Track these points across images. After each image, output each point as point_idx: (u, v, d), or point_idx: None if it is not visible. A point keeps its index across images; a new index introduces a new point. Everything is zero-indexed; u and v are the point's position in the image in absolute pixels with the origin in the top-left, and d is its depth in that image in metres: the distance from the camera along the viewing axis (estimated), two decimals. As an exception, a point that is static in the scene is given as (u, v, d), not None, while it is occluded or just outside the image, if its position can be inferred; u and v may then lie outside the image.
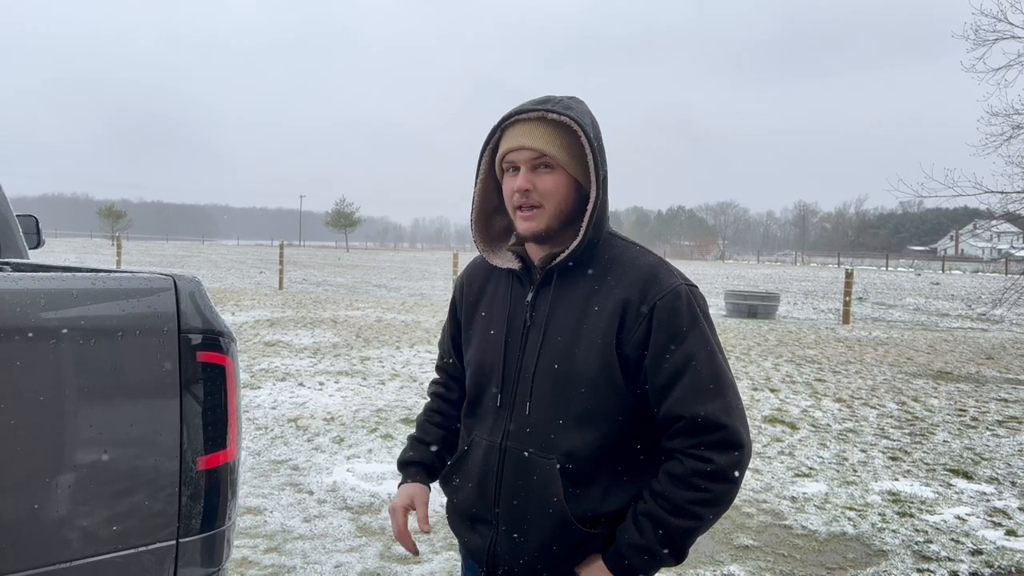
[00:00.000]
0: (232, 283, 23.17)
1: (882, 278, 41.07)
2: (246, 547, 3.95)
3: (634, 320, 1.52)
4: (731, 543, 4.23)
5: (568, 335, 1.56)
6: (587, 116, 1.58)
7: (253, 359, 9.27)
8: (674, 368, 1.50)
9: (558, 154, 1.54)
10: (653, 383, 1.52)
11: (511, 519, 1.60)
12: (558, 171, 1.56)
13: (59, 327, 1.60)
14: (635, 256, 1.60)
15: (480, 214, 1.71)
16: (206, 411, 1.78)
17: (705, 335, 1.52)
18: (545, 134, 1.54)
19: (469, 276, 1.81)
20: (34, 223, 4.09)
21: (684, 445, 1.50)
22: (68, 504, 1.61)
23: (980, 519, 4.73)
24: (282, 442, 5.88)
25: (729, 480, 1.48)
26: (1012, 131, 13.32)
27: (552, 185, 1.56)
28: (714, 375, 1.50)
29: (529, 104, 1.58)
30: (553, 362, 1.57)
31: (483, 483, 1.65)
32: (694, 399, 1.49)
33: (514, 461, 1.60)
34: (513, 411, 1.61)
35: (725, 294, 19.25)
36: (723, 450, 1.48)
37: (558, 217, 1.57)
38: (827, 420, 7.21)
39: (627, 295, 1.53)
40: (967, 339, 14.27)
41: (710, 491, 1.48)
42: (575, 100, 1.60)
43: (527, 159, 1.55)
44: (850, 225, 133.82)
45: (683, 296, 1.53)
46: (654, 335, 1.51)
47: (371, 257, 58.74)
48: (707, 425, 1.48)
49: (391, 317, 14.31)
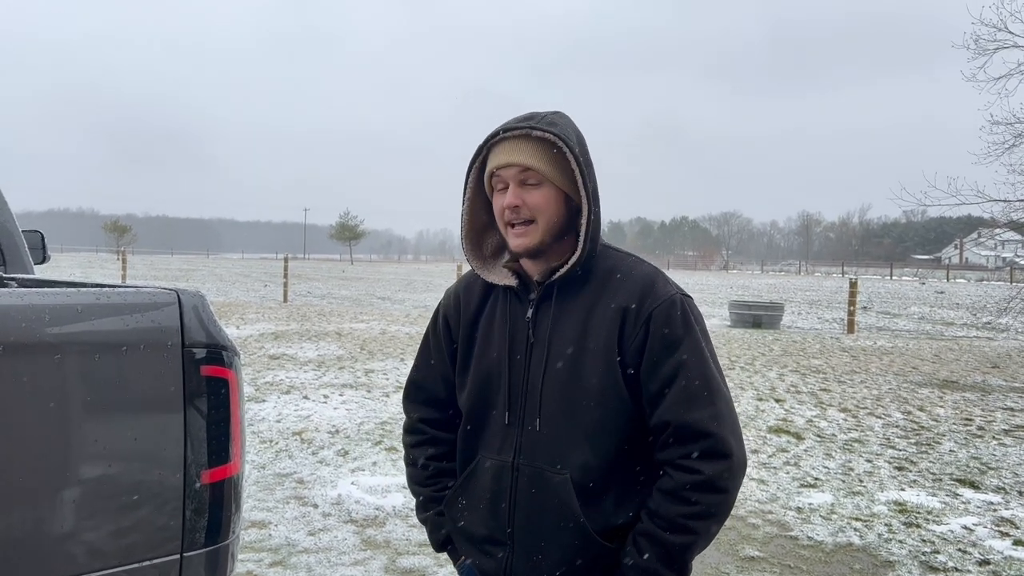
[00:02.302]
0: (237, 296, 23.21)
1: (886, 287, 40.99)
2: (251, 561, 3.94)
3: (633, 328, 1.53)
4: (737, 554, 4.22)
5: (573, 349, 1.56)
6: (571, 130, 1.58)
7: (258, 372, 9.28)
8: (666, 375, 1.51)
9: (545, 168, 1.55)
10: (647, 390, 1.54)
11: (527, 538, 1.59)
12: (546, 185, 1.56)
13: (64, 342, 1.62)
14: (632, 266, 1.61)
15: (470, 232, 1.70)
16: (210, 425, 1.79)
17: (698, 344, 1.53)
18: (530, 149, 1.55)
19: (465, 293, 1.76)
20: (39, 238, 4.10)
21: (672, 456, 1.51)
22: (73, 518, 1.62)
23: (987, 529, 4.70)
24: (287, 455, 5.88)
25: (719, 490, 1.48)
26: (1014, 140, 13.32)
27: (542, 199, 1.56)
28: (705, 384, 1.51)
29: (513, 122, 1.58)
30: (560, 377, 1.56)
31: (495, 503, 1.63)
32: (683, 406, 1.50)
33: (528, 479, 1.59)
34: (523, 429, 1.60)
35: (729, 304, 19.23)
36: (710, 459, 1.48)
37: (550, 231, 1.58)
38: (832, 430, 7.19)
39: (626, 303, 1.55)
40: (972, 348, 14.22)
41: (701, 503, 1.47)
42: (559, 115, 1.61)
43: (514, 175, 1.56)
44: (854, 234, 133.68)
45: (678, 305, 1.54)
46: (650, 342, 1.52)
47: (375, 269, 58.81)
48: (695, 433, 1.49)
49: (395, 329, 14.32)
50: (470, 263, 1.71)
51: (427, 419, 1.83)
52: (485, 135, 1.63)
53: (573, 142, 1.56)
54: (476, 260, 1.71)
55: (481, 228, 1.72)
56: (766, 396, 8.77)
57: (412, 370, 1.87)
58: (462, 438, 1.73)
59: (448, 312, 1.78)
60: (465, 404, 1.72)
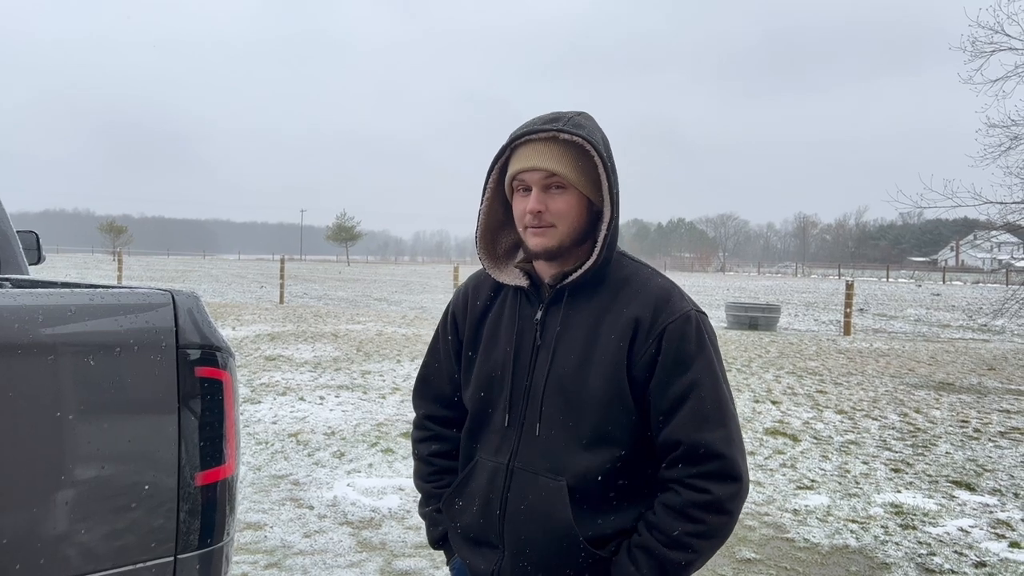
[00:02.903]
0: (233, 297, 23.18)
1: (883, 289, 41.05)
2: (246, 563, 3.93)
3: (644, 340, 1.50)
4: (733, 556, 4.21)
5: (579, 355, 1.53)
6: (598, 133, 1.54)
7: (254, 373, 9.26)
8: (678, 393, 1.48)
9: (571, 175, 1.51)
10: (656, 407, 1.50)
11: (517, 542, 1.57)
12: (570, 191, 1.52)
13: (57, 343, 1.61)
14: (648, 277, 1.58)
15: (486, 231, 1.67)
16: (204, 426, 1.78)
17: (712, 363, 1.50)
18: (557, 154, 1.50)
19: (473, 291, 1.75)
20: (34, 239, 4.09)
21: (682, 474, 1.48)
22: (66, 520, 1.61)
23: (983, 531, 4.70)
24: (282, 457, 5.87)
25: (725, 512, 1.46)
26: (1011, 142, 13.38)
27: (565, 206, 1.52)
28: (717, 404, 1.48)
29: (539, 123, 1.53)
30: (563, 382, 1.54)
31: (488, 505, 1.61)
32: (695, 426, 1.46)
33: (521, 482, 1.57)
34: (522, 432, 1.58)
35: (726, 306, 19.25)
36: (721, 480, 1.45)
37: (570, 236, 1.54)
38: (829, 432, 7.19)
39: (639, 314, 1.51)
40: (968, 350, 14.25)
41: (706, 523, 1.45)
42: (585, 117, 1.56)
43: (539, 180, 1.51)
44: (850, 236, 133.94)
45: (693, 321, 1.51)
46: (661, 357, 1.49)
47: (372, 271, 58.77)
48: (707, 454, 1.46)
49: (392, 331, 14.30)
50: (482, 262, 1.68)
51: (433, 416, 1.83)
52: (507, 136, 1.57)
53: (601, 146, 1.51)
54: (488, 259, 1.68)
55: (496, 226, 1.69)
56: (762, 398, 8.77)
57: (421, 366, 1.86)
58: (464, 437, 1.73)
59: (456, 310, 1.77)
60: (468, 403, 1.71)
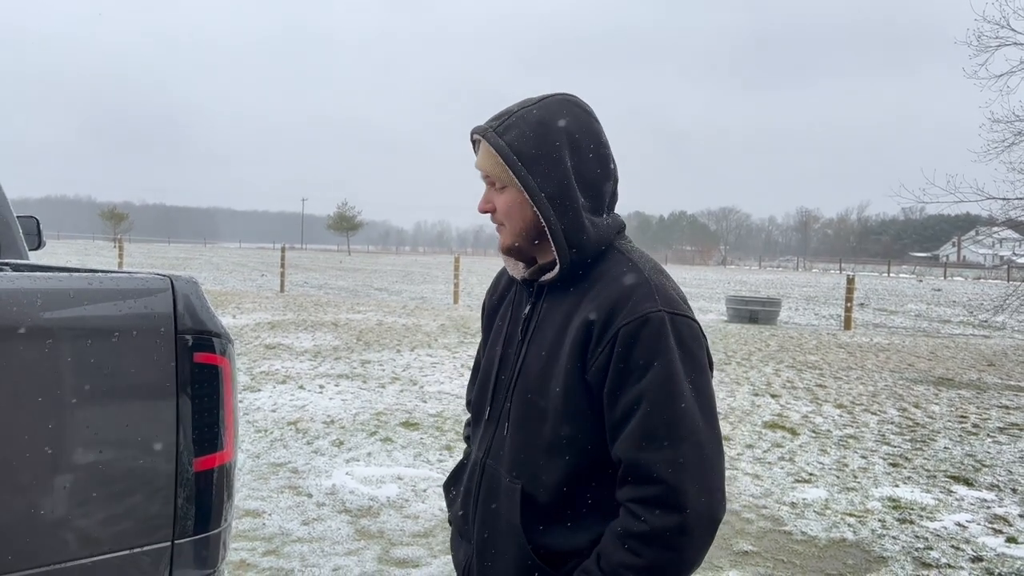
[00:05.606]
0: (234, 285, 23.19)
1: (884, 284, 41.04)
2: (244, 550, 3.94)
3: (596, 345, 1.36)
4: (731, 549, 4.22)
5: (545, 356, 1.46)
6: (536, 131, 1.42)
7: (253, 362, 9.27)
8: (625, 405, 1.33)
9: (503, 174, 1.45)
10: (608, 418, 1.37)
11: (481, 541, 1.53)
12: (510, 189, 1.46)
13: (56, 327, 1.60)
14: (619, 273, 1.42)
15: None
16: (202, 412, 1.78)
17: (671, 374, 1.31)
18: (490, 152, 1.46)
19: (495, 284, 1.74)
20: (35, 224, 4.08)
21: (623, 496, 1.35)
22: (64, 505, 1.61)
23: (981, 526, 4.71)
24: (281, 445, 5.88)
25: (668, 547, 1.28)
26: (1014, 137, 13.32)
27: (503, 204, 1.48)
28: (669, 422, 1.30)
29: (487, 120, 1.50)
30: (527, 383, 1.47)
31: (466, 499, 1.60)
32: (637, 444, 1.31)
33: (490, 480, 1.53)
34: (496, 429, 1.55)
35: (726, 299, 19.25)
36: (656, 510, 1.28)
37: (519, 235, 1.48)
38: (828, 426, 7.20)
39: (595, 316, 1.38)
40: (969, 345, 14.25)
41: (643, 556, 1.28)
42: (529, 111, 1.45)
43: (484, 179, 1.51)
44: (852, 231, 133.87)
45: (653, 324, 1.32)
46: (613, 364, 1.34)
47: (373, 260, 58.78)
48: (643, 477, 1.30)
49: (392, 320, 14.31)
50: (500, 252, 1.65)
51: None
52: None
53: (527, 147, 1.41)
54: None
55: None
56: (762, 391, 8.78)
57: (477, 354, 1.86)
58: (473, 428, 1.72)
59: (485, 301, 1.77)
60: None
